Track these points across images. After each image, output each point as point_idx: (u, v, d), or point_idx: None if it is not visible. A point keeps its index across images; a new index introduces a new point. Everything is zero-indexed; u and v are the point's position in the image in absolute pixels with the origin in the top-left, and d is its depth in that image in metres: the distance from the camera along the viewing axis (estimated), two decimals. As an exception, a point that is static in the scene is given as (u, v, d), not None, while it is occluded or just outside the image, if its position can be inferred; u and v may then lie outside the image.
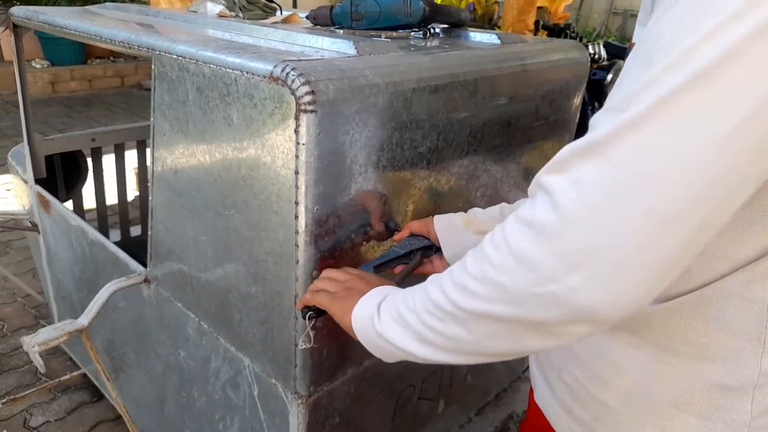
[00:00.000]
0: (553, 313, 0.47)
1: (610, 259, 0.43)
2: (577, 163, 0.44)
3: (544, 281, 0.46)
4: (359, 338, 0.68)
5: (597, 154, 0.43)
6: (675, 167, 0.40)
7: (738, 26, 0.38)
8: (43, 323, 2.36)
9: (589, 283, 0.44)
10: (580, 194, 0.44)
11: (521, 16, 2.83)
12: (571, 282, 0.45)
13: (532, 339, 0.51)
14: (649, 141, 0.41)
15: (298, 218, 0.82)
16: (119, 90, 6.34)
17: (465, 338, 0.54)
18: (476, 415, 1.60)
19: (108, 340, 1.58)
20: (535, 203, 0.47)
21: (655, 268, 0.43)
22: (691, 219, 0.42)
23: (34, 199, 1.71)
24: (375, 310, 0.65)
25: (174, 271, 1.15)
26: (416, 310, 0.59)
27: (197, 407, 1.27)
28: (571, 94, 1.27)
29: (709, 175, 0.40)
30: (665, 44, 0.41)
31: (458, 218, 0.94)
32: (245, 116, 0.84)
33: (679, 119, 0.40)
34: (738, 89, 0.39)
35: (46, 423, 1.88)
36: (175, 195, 1.06)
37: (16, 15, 1.47)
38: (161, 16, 1.35)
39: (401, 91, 0.88)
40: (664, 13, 0.42)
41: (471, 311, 0.52)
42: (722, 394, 0.58)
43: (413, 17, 1.08)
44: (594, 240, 0.43)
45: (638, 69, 0.43)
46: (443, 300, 0.55)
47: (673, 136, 0.40)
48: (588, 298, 0.45)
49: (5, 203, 3.40)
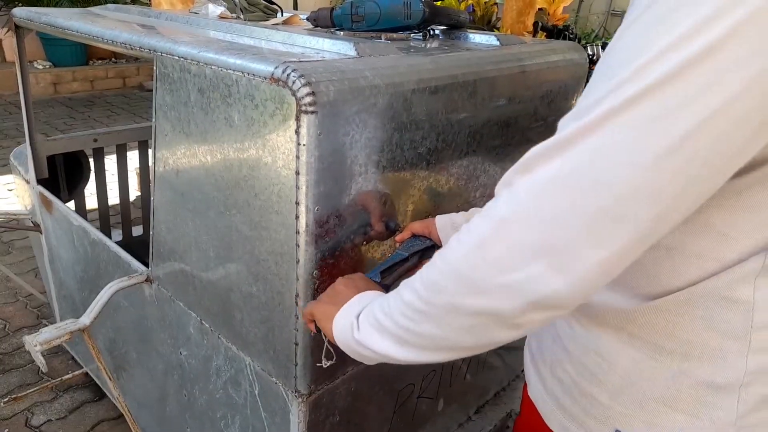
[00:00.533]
0: (515, 303, 0.50)
1: (563, 253, 0.47)
2: (540, 163, 0.48)
3: (505, 272, 0.49)
4: (340, 346, 0.70)
5: (555, 155, 0.47)
6: (623, 171, 0.44)
7: (685, 47, 0.41)
8: (45, 323, 2.37)
9: (546, 273, 0.48)
10: (537, 191, 0.47)
11: (520, 18, 2.83)
12: (529, 272, 0.48)
13: (497, 331, 0.54)
14: (601, 145, 0.45)
15: (298, 218, 0.83)
16: (121, 91, 6.35)
17: (438, 334, 0.57)
18: (475, 414, 1.61)
19: (110, 339, 1.59)
20: (499, 199, 0.51)
21: (607, 260, 0.47)
22: (639, 219, 0.45)
23: (36, 199, 1.72)
24: (354, 320, 0.67)
25: (176, 271, 1.15)
26: (391, 314, 0.61)
27: (198, 406, 1.27)
28: (570, 95, 1.28)
29: (652, 182, 0.44)
30: (624, 59, 0.45)
31: (459, 217, 0.94)
32: (246, 117, 0.85)
33: (628, 128, 0.43)
34: (682, 105, 0.42)
35: (48, 422, 1.89)
36: (176, 195, 1.07)
37: (18, 16, 1.48)
38: (163, 18, 1.36)
39: (401, 92, 0.88)
40: (627, 29, 0.46)
41: (439, 305, 0.55)
42: (709, 392, 0.59)
43: (413, 19, 1.08)
44: (549, 235, 0.47)
45: (600, 80, 0.46)
46: (415, 298, 0.57)
47: (621, 143, 0.44)
48: (545, 287, 0.48)
49: (7, 203, 3.41)
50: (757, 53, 0.40)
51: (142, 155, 2.25)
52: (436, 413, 1.42)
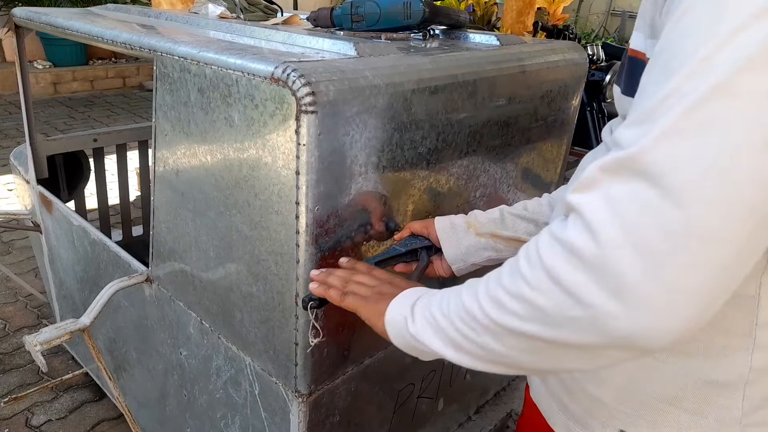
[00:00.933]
0: (590, 338, 0.44)
1: (650, 282, 0.40)
2: (608, 180, 0.42)
3: (582, 306, 0.43)
4: (393, 340, 0.67)
5: (628, 169, 0.41)
6: (714, 178, 0.38)
7: (754, 29, 0.37)
8: (45, 322, 2.37)
9: (630, 309, 0.41)
10: (613, 214, 0.41)
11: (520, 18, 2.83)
12: (610, 308, 0.42)
13: (569, 359, 0.49)
14: (683, 152, 0.39)
15: (298, 218, 0.83)
16: (121, 91, 6.35)
17: (498, 351, 0.53)
18: (475, 414, 1.61)
19: (110, 339, 1.59)
20: (568, 224, 0.45)
21: (703, 290, 0.40)
22: (737, 234, 0.39)
23: (36, 199, 1.72)
24: (409, 312, 0.64)
25: (176, 271, 1.15)
26: (449, 316, 0.57)
27: (198, 406, 1.27)
28: (570, 95, 1.28)
29: (751, 186, 0.38)
30: (684, 53, 0.40)
31: (459, 219, 0.95)
32: (246, 117, 0.85)
33: (712, 127, 0.38)
34: (765, 92, 0.37)
35: (48, 422, 1.89)
36: (176, 195, 1.07)
37: (18, 16, 1.48)
38: (163, 18, 1.36)
39: (401, 92, 0.88)
40: (678, 22, 0.41)
41: (503, 326, 0.50)
42: (714, 391, 0.59)
43: (413, 19, 1.08)
44: (633, 263, 0.40)
45: (658, 80, 0.41)
46: (477, 310, 0.53)
47: (707, 146, 0.38)
48: (629, 325, 0.42)
49: (7, 203, 3.41)
50: None
51: (142, 155, 2.25)
52: (436, 413, 1.42)
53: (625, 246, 0.40)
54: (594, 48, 2.93)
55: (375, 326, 0.71)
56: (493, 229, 0.92)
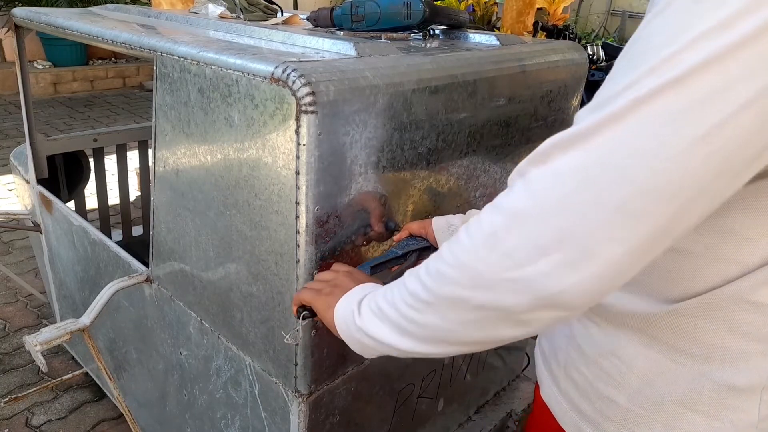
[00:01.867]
0: (523, 299, 0.48)
1: (579, 247, 0.44)
2: (558, 154, 0.46)
3: (516, 266, 0.47)
4: (340, 335, 0.69)
5: (576, 146, 0.45)
6: (645, 164, 0.42)
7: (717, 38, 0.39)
8: (45, 323, 2.37)
9: (559, 268, 0.45)
10: (555, 182, 0.45)
11: (520, 18, 2.83)
12: (541, 267, 0.46)
13: (503, 327, 0.52)
14: (624, 137, 0.42)
15: (298, 218, 0.83)
16: (121, 91, 6.35)
17: (441, 326, 0.55)
18: (475, 414, 1.61)
19: (110, 339, 1.59)
20: (512, 190, 0.49)
21: (622, 260, 0.44)
22: (658, 215, 0.43)
23: (36, 199, 1.72)
24: (356, 307, 0.66)
25: (176, 271, 1.15)
26: (394, 303, 0.59)
27: (198, 406, 1.27)
28: (570, 95, 1.28)
29: (675, 176, 0.42)
30: (651, 48, 0.43)
31: (456, 220, 0.94)
32: (246, 117, 0.85)
33: (654, 119, 0.41)
34: (710, 97, 0.40)
35: (48, 422, 1.89)
36: (176, 195, 1.07)
37: (18, 16, 1.48)
38: (163, 18, 1.36)
39: (401, 92, 0.88)
40: (653, 18, 0.44)
41: (445, 297, 0.53)
42: (730, 395, 0.59)
43: (413, 19, 1.09)
44: (565, 228, 0.44)
45: (624, 69, 0.44)
46: (419, 288, 0.56)
47: (645, 135, 0.42)
48: (557, 284, 0.46)
49: (7, 203, 3.41)
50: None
51: (142, 155, 2.25)
52: (436, 413, 1.42)
53: (560, 212, 0.44)
54: (594, 48, 2.93)
55: (324, 318, 0.73)
56: None
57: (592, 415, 0.69)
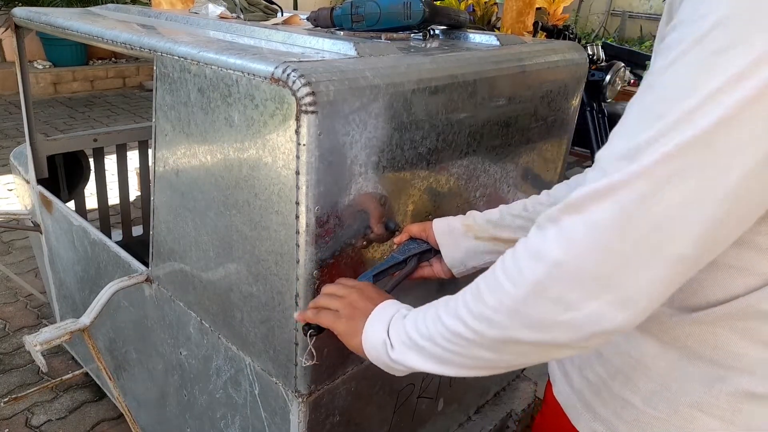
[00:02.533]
0: (576, 335, 0.51)
1: (625, 289, 0.48)
2: (592, 205, 0.48)
3: (568, 310, 0.50)
4: (372, 360, 0.71)
5: (610, 199, 0.47)
6: (679, 216, 0.45)
7: (738, 89, 0.41)
8: (45, 322, 2.37)
9: (609, 308, 0.49)
10: (594, 234, 0.48)
11: (520, 18, 2.83)
12: (593, 309, 0.49)
13: (558, 352, 0.55)
14: (657, 191, 0.45)
15: (298, 218, 0.83)
16: (121, 91, 6.35)
17: (491, 358, 0.58)
18: (475, 414, 1.61)
19: (110, 339, 1.59)
20: (548, 237, 0.51)
21: (660, 294, 0.49)
22: (690, 258, 0.47)
23: (36, 199, 1.72)
24: (386, 336, 0.68)
25: (176, 271, 1.15)
26: (431, 337, 0.61)
27: (198, 406, 1.27)
28: (570, 95, 1.28)
29: (708, 224, 0.45)
30: (671, 98, 0.45)
31: (457, 222, 0.94)
32: (246, 117, 0.85)
33: (685, 174, 0.44)
34: (735, 150, 0.43)
35: (48, 422, 1.89)
36: (176, 195, 1.07)
37: (18, 16, 1.48)
38: (163, 18, 1.36)
39: (401, 92, 0.88)
40: (670, 66, 0.45)
41: (496, 338, 0.55)
42: (747, 401, 0.59)
43: (413, 19, 1.09)
44: (608, 274, 0.48)
45: (645, 118, 0.47)
46: (463, 329, 0.58)
47: (678, 189, 0.45)
48: (607, 321, 0.50)
49: (7, 203, 3.41)
50: None
51: (142, 155, 2.25)
52: (436, 413, 1.42)
53: (602, 261, 0.48)
54: (594, 48, 2.93)
55: (350, 345, 0.75)
56: (493, 232, 0.92)
57: (606, 416, 0.69)
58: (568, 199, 0.50)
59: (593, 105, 2.92)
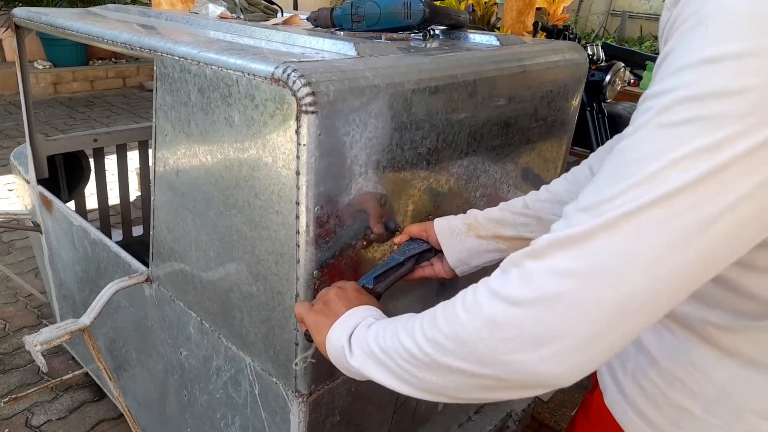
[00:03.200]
0: (521, 377, 0.52)
1: (577, 340, 0.49)
2: (555, 253, 0.49)
3: (513, 351, 0.51)
4: (332, 361, 0.72)
5: (572, 248, 0.48)
6: (634, 270, 0.46)
7: (699, 161, 0.43)
8: (45, 323, 2.37)
9: (557, 357, 0.50)
10: (553, 280, 0.49)
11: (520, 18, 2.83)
12: (541, 355, 0.50)
13: (499, 392, 0.56)
14: (615, 246, 0.47)
15: (299, 218, 0.83)
16: (121, 91, 6.35)
17: (438, 383, 0.59)
18: (475, 414, 1.61)
19: (110, 339, 1.59)
20: (510, 279, 0.52)
21: (605, 351, 0.50)
22: (642, 313, 0.48)
23: (36, 199, 1.72)
24: (346, 343, 0.69)
25: (176, 271, 1.15)
26: (388, 352, 0.62)
27: (198, 406, 1.27)
28: (570, 95, 1.28)
29: (662, 281, 0.46)
30: (640, 159, 0.46)
31: (458, 222, 0.94)
32: (246, 117, 0.85)
33: (642, 231, 0.46)
34: (694, 212, 0.44)
35: (48, 422, 1.89)
36: (176, 195, 1.07)
37: (18, 16, 1.48)
38: (163, 18, 1.36)
39: (401, 92, 0.88)
40: (638, 130, 0.47)
41: (443, 364, 0.56)
42: None
43: (413, 19, 1.09)
44: (559, 324, 0.49)
45: (611, 177, 0.48)
46: (416, 349, 0.59)
47: (634, 245, 0.46)
48: (555, 370, 0.50)
49: (7, 203, 3.41)
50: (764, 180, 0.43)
51: (142, 155, 2.25)
52: (436, 413, 1.42)
53: (555, 309, 0.49)
54: (594, 48, 2.93)
55: (315, 340, 0.76)
56: (496, 231, 0.92)
57: (663, 425, 0.67)
58: (532, 246, 0.51)
59: (593, 105, 2.92)
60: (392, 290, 0.90)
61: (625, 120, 2.93)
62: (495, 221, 0.93)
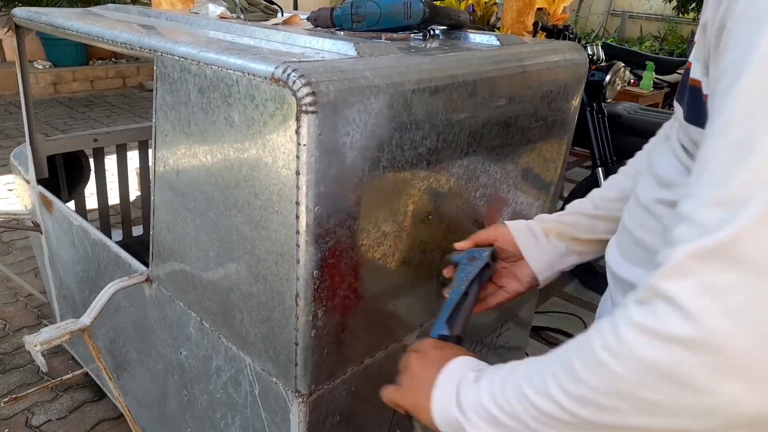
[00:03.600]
0: (712, 422, 0.44)
1: (766, 365, 0.41)
2: (701, 267, 0.42)
3: (698, 394, 0.43)
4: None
5: (725, 258, 0.41)
6: None
7: None
8: (45, 323, 2.37)
9: (748, 392, 0.42)
10: (718, 303, 0.41)
11: (520, 18, 2.84)
12: (729, 393, 0.42)
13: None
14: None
15: (299, 218, 0.83)
16: (121, 91, 6.36)
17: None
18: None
19: (110, 339, 1.59)
20: (659, 313, 0.44)
21: None
22: None
23: (36, 199, 1.72)
24: (458, 413, 0.61)
25: (176, 271, 1.15)
26: (516, 416, 0.55)
27: (198, 406, 1.27)
28: (570, 95, 1.28)
29: None
30: (752, 132, 0.40)
31: (536, 226, 0.90)
32: (246, 117, 0.85)
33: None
34: None
35: (48, 422, 1.89)
36: (176, 195, 1.07)
37: (18, 16, 1.48)
38: (163, 18, 1.36)
39: (401, 92, 0.88)
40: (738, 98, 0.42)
41: (607, 425, 0.49)
42: None
43: (413, 19, 1.09)
44: (746, 349, 0.41)
45: (730, 159, 0.42)
46: (559, 412, 0.51)
47: None
48: (749, 405, 0.42)
49: (7, 203, 3.41)
50: None
51: (142, 155, 2.25)
52: (436, 413, 1.42)
53: (736, 335, 0.41)
54: (594, 48, 2.93)
55: (423, 420, 0.68)
56: (572, 233, 0.88)
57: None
58: (666, 263, 0.44)
59: (593, 105, 2.92)
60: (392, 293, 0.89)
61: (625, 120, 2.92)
62: (567, 224, 0.88)
